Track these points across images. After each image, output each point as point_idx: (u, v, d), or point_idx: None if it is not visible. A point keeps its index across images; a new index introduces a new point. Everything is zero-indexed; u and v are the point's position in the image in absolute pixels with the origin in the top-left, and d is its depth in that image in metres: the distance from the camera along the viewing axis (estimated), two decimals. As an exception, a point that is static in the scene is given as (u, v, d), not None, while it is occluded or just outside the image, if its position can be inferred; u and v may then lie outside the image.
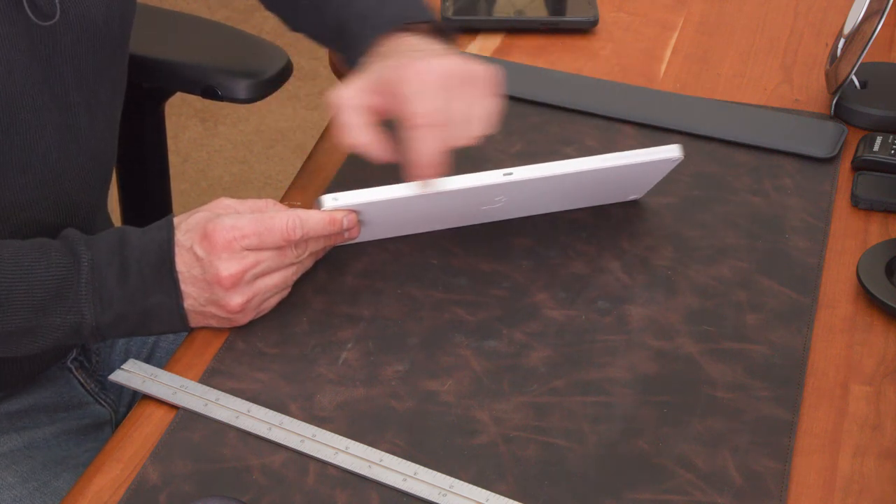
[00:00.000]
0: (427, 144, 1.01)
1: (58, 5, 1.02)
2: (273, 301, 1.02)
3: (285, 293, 1.04)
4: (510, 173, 1.04)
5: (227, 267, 0.98)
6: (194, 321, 1.01)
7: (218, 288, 0.98)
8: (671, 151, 1.09)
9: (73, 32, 1.05)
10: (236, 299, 0.99)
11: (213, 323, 1.01)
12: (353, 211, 1.03)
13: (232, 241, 0.98)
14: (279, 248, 1.00)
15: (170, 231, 0.99)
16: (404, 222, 1.10)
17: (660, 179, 1.14)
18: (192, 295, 0.99)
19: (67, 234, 1.00)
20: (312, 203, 1.05)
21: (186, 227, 0.99)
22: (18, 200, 1.05)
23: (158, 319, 0.99)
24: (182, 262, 0.98)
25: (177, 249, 0.98)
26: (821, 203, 1.17)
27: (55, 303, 0.97)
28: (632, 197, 1.16)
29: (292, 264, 1.02)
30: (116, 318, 0.98)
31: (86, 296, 0.97)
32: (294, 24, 1.25)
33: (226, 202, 1.02)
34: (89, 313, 0.97)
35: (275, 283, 1.01)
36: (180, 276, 0.98)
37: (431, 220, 1.10)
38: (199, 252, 0.98)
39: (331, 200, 1.02)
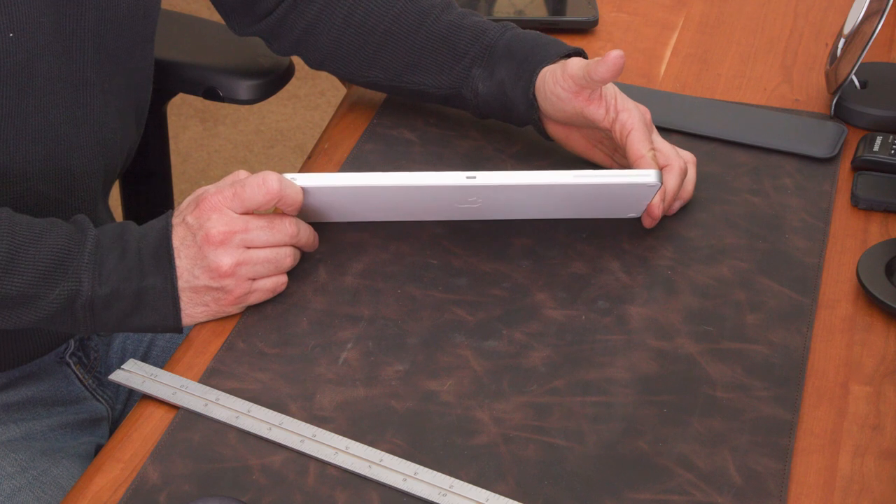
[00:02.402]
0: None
1: None
2: (266, 284, 1.03)
3: (280, 284, 1.04)
4: (473, 177, 1.04)
5: (216, 226, 1.01)
6: (188, 301, 1.02)
7: (208, 247, 1.01)
8: (647, 177, 1.05)
9: (98, 10, 1.08)
10: (225, 259, 1.01)
11: (209, 302, 1.02)
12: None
13: (218, 204, 1.01)
14: (268, 220, 1.03)
15: (168, 220, 1.03)
16: (378, 210, 1.10)
17: (651, 199, 1.10)
18: (186, 267, 1.01)
19: (78, 217, 1.04)
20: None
21: (180, 209, 1.04)
22: (26, 170, 1.08)
23: (151, 306, 1.01)
24: (177, 238, 1.02)
25: (173, 230, 1.02)
26: (821, 203, 1.17)
27: (58, 273, 0.99)
28: (630, 215, 1.13)
29: (284, 244, 1.03)
30: (111, 294, 1.00)
31: (87, 265, 1.00)
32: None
33: (205, 188, 1.05)
34: (87, 282, 1.00)
35: (266, 256, 1.02)
36: (175, 252, 1.01)
37: (409, 211, 1.10)
38: (191, 220, 1.02)
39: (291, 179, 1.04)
